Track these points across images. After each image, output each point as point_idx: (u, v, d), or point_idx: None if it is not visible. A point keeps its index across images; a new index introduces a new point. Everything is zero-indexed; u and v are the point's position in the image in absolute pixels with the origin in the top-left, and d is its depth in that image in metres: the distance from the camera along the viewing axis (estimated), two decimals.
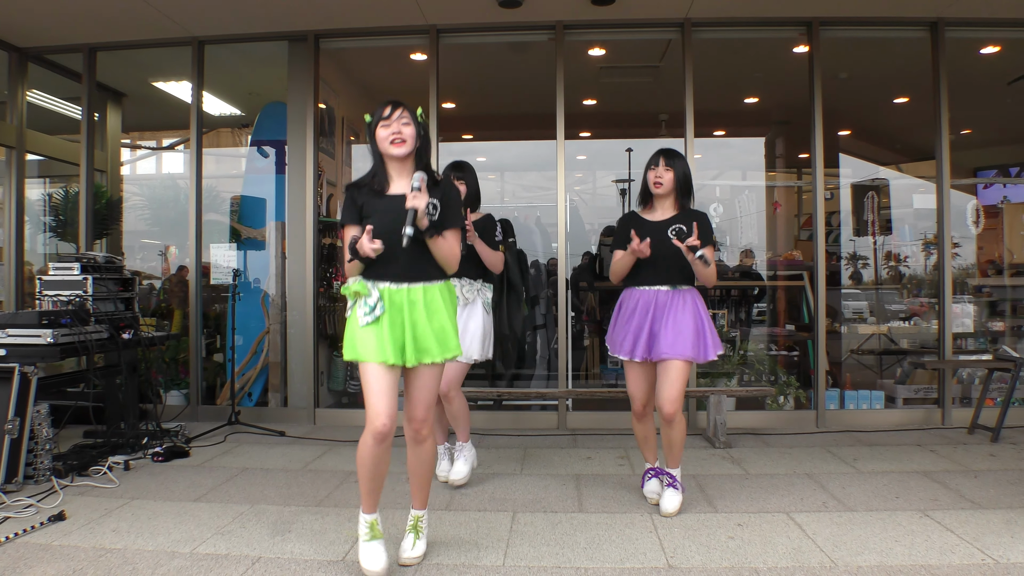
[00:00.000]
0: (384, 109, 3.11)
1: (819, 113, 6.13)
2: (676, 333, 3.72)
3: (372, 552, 3.04)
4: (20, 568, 3.12)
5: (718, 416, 5.50)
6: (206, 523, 3.73)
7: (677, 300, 3.79)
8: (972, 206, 6.91)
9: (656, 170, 3.86)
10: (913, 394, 6.46)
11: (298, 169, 6.46)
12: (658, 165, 3.86)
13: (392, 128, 3.06)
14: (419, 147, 3.15)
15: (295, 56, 6.54)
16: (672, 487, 3.89)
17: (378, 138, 3.10)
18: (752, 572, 3.08)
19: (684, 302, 3.80)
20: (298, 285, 6.42)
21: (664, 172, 3.84)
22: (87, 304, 5.11)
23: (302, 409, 6.36)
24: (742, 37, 6.58)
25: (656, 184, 3.85)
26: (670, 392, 3.73)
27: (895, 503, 3.99)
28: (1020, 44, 6.61)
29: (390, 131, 3.07)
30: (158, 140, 9.57)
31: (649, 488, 4.09)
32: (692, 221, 3.79)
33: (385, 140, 3.07)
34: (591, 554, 3.31)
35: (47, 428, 4.43)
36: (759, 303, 7.97)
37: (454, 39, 6.44)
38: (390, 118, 3.08)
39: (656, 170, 3.86)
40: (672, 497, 3.85)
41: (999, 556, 3.22)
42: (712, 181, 8.33)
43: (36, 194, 7.41)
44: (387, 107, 3.11)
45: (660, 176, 3.84)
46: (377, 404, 2.98)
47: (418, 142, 3.13)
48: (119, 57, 6.88)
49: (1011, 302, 7.35)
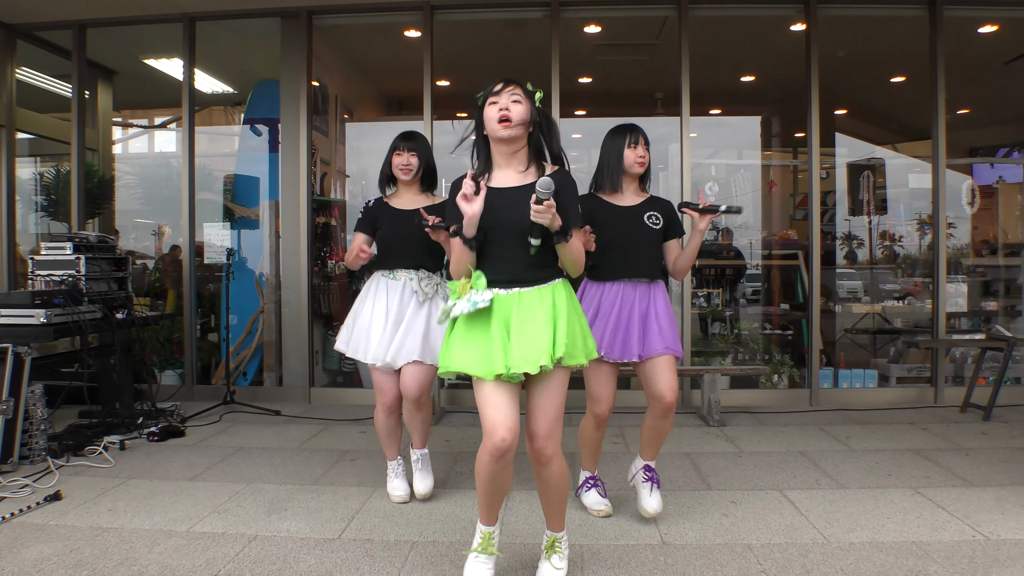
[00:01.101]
0: (495, 85, 2.71)
1: (815, 92, 6.12)
2: (664, 328, 3.40)
3: (475, 570, 2.75)
4: (17, 548, 3.13)
5: (712, 395, 5.52)
6: (202, 502, 3.75)
7: (656, 294, 3.45)
8: (967, 186, 6.91)
9: (637, 149, 3.45)
10: (906, 373, 6.50)
11: (292, 147, 6.42)
12: (638, 144, 3.46)
13: (501, 102, 2.67)
14: (534, 132, 2.75)
15: (288, 33, 6.48)
16: (653, 481, 3.51)
17: (486, 118, 2.71)
18: (745, 549, 3.11)
19: (661, 296, 3.47)
20: (292, 264, 6.40)
21: (645, 152, 3.47)
22: (80, 284, 5.09)
23: (297, 388, 6.37)
24: (739, 15, 6.56)
25: (640, 163, 3.45)
26: (671, 381, 3.40)
27: (887, 480, 4.03)
28: (1018, 23, 6.58)
29: (498, 107, 2.66)
30: (150, 118, 9.49)
31: (593, 499, 3.66)
32: (664, 210, 3.50)
33: (493, 120, 2.67)
34: (586, 531, 3.33)
35: (42, 408, 4.43)
36: (752, 283, 7.98)
37: (448, 16, 6.39)
38: (500, 94, 2.68)
39: (637, 149, 3.45)
40: (656, 495, 3.48)
41: (989, 532, 3.25)
42: (708, 160, 8.30)
43: (27, 173, 7.36)
44: (498, 83, 2.71)
45: (643, 156, 3.46)
46: (494, 416, 2.62)
47: (531, 126, 2.72)
48: (109, 34, 6.81)
49: (1005, 282, 7.39)
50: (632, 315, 3.39)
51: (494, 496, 2.73)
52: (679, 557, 3.03)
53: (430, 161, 3.84)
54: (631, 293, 3.42)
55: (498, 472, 2.65)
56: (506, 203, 2.65)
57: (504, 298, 2.65)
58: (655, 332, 3.38)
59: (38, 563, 2.97)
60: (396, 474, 3.85)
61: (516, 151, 2.75)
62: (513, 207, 2.63)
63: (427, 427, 3.88)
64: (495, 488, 2.71)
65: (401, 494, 3.78)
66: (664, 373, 3.39)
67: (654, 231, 3.42)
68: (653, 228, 3.41)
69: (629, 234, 3.39)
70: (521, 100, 2.68)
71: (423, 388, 3.68)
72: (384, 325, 3.66)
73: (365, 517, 3.53)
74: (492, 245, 2.66)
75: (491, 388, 2.62)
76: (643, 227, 3.41)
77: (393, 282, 3.72)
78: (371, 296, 3.76)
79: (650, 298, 3.43)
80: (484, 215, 2.62)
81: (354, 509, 3.64)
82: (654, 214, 3.44)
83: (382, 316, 3.68)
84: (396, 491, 3.79)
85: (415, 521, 3.49)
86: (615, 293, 3.41)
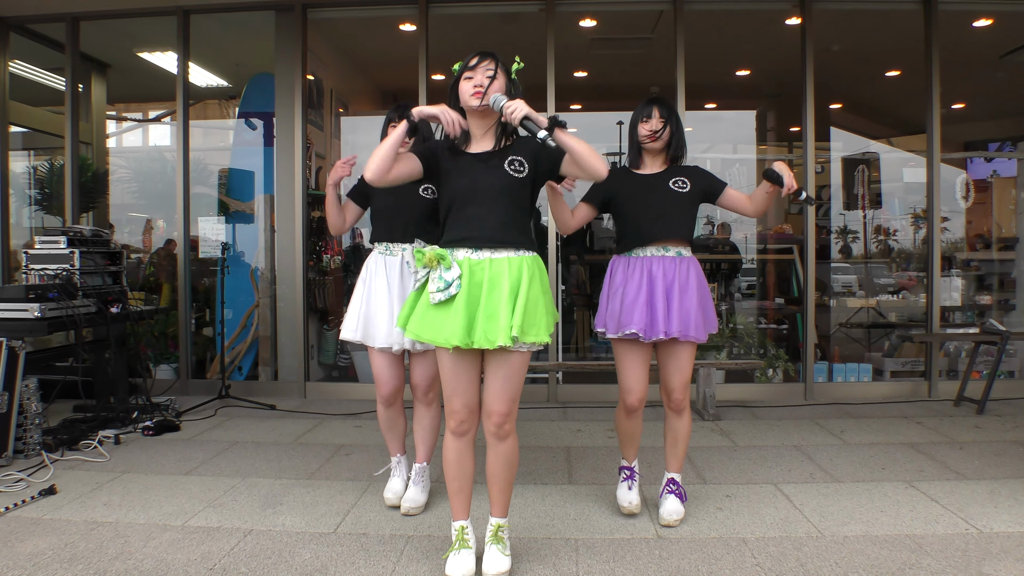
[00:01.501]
0: (471, 59, 2.77)
1: (811, 86, 6.13)
2: (688, 309, 3.23)
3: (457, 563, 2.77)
4: (12, 542, 3.13)
5: (707, 389, 5.54)
6: (197, 496, 3.75)
7: (683, 269, 3.28)
8: (962, 180, 6.94)
9: (650, 122, 3.31)
10: (900, 367, 6.53)
11: (286, 141, 6.41)
12: (651, 117, 3.32)
13: (475, 80, 2.71)
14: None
15: (282, 26, 6.47)
16: (674, 494, 3.39)
17: (460, 91, 2.75)
18: (740, 542, 3.12)
19: (689, 272, 3.29)
20: (287, 258, 6.40)
21: (660, 123, 3.30)
22: (74, 278, 5.08)
23: (292, 383, 6.38)
24: (734, 9, 6.57)
25: (650, 137, 3.32)
26: (683, 376, 3.32)
27: (881, 474, 4.05)
28: (1012, 17, 6.60)
29: (472, 83, 2.71)
30: (144, 112, 9.47)
31: (620, 494, 3.52)
32: (690, 174, 3.36)
33: (466, 93, 2.72)
34: (581, 525, 3.35)
35: (36, 402, 4.43)
36: (748, 277, 8.00)
37: (443, 9, 6.39)
38: (475, 68, 2.73)
39: (650, 122, 3.31)
40: (672, 501, 3.37)
41: (982, 526, 3.27)
42: (703, 154, 8.32)
43: (21, 167, 7.35)
44: (475, 56, 2.77)
45: (655, 129, 3.30)
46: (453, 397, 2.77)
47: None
48: (103, 27, 6.80)
49: (999, 276, 7.43)
50: (658, 290, 3.24)
51: (458, 483, 2.86)
52: (674, 551, 3.04)
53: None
54: (658, 267, 3.27)
55: (460, 449, 2.83)
56: (482, 167, 2.73)
57: (475, 265, 2.67)
58: (676, 310, 3.22)
59: (33, 557, 2.98)
60: (396, 472, 3.70)
61: (490, 126, 2.80)
62: (489, 171, 2.72)
63: (435, 435, 3.66)
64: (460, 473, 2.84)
65: (392, 497, 3.63)
66: (678, 365, 3.33)
67: (680, 194, 3.29)
68: (679, 192, 3.29)
69: (652, 200, 3.29)
70: (496, 74, 2.72)
71: (433, 380, 3.49)
72: (390, 305, 3.45)
73: (361, 511, 3.54)
74: (468, 206, 2.71)
75: (452, 360, 2.73)
76: (668, 191, 3.29)
77: (391, 258, 3.53)
78: (371, 276, 3.55)
79: (677, 273, 3.26)
80: (460, 178, 2.73)
81: (350, 503, 3.65)
82: (680, 179, 3.32)
83: (385, 296, 3.47)
84: (389, 492, 3.65)
85: (411, 516, 3.50)
86: (641, 266, 3.28)
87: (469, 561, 2.77)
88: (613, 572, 2.85)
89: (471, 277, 2.66)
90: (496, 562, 2.77)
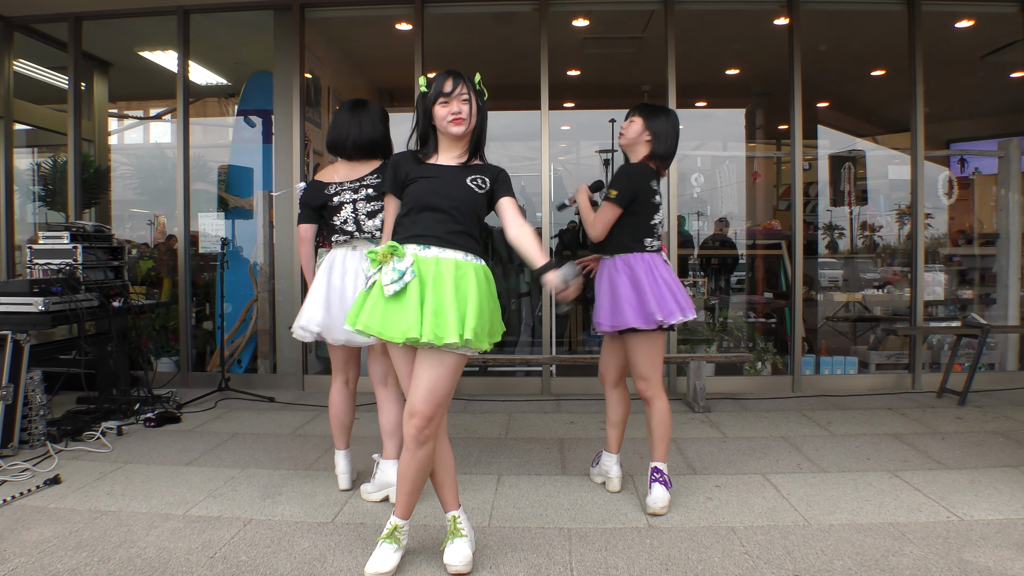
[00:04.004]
0: (444, 83, 2.84)
1: (798, 85, 6.19)
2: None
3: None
4: (18, 530, 3.18)
5: (698, 381, 5.60)
6: (198, 486, 3.79)
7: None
8: (944, 177, 7.01)
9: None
10: (885, 360, 6.62)
11: (285, 138, 6.46)
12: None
13: (452, 107, 2.81)
14: (477, 124, 2.92)
15: (280, 25, 6.52)
16: (661, 483, 3.43)
17: (436, 116, 2.85)
18: (729, 531, 3.17)
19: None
20: (286, 254, 6.45)
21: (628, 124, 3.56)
22: (77, 272, 5.13)
23: (291, 375, 6.44)
24: (724, 9, 6.64)
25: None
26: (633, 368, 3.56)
27: (866, 464, 4.11)
28: (993, 19, 6.69)
29: (449, 110, 2.80)
30: (145, 110, 9.50)
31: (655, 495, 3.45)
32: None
33: (444, 119, 2.82)
34: (574, 515, 3.39)
35: (41, 394, 4.48)
36: (737, 272, 8.08)
37: (439, 9, 6.44)
38: (451, 95, 2.81)
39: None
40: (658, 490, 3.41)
41: (963, 514, 3.34)
42: (693, 152, 8.38)
43: (24, 164, 7.37)
44: (447, 80, 2.84)
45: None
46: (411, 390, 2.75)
47: (476, 119, 2.90)
48: (104, 26, 6.85)
49: (980, 271, 7.50)
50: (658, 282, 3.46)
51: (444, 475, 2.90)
52: (664, 540, 3.08)
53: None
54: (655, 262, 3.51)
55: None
56: (446, 177, 2.84)
57: (423, 262, 2.71)
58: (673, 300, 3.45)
59: (39, 544, 3.02)
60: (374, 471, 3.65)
61: (461, 143, 2.93)
62: (451, 180, 2.84)
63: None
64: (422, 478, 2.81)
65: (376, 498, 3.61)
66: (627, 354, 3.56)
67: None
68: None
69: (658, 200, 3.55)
70: (469, 98, 2.85)
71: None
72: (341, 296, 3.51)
73: (358, 501, 3.57)
74: (424, 211, 2.78)
75: (402, 354, 2.79)
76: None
77: (352, 253, 3.58)
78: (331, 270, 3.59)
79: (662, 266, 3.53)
80: (423, 183, 2.83)
81: (347, 494, 3.68)
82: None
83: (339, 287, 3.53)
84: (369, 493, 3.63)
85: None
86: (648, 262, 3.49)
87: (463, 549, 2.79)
88: (605, 560, 2.89)
89: (417, 271, 2.69)
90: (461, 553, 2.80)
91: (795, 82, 6.19)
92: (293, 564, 2.87)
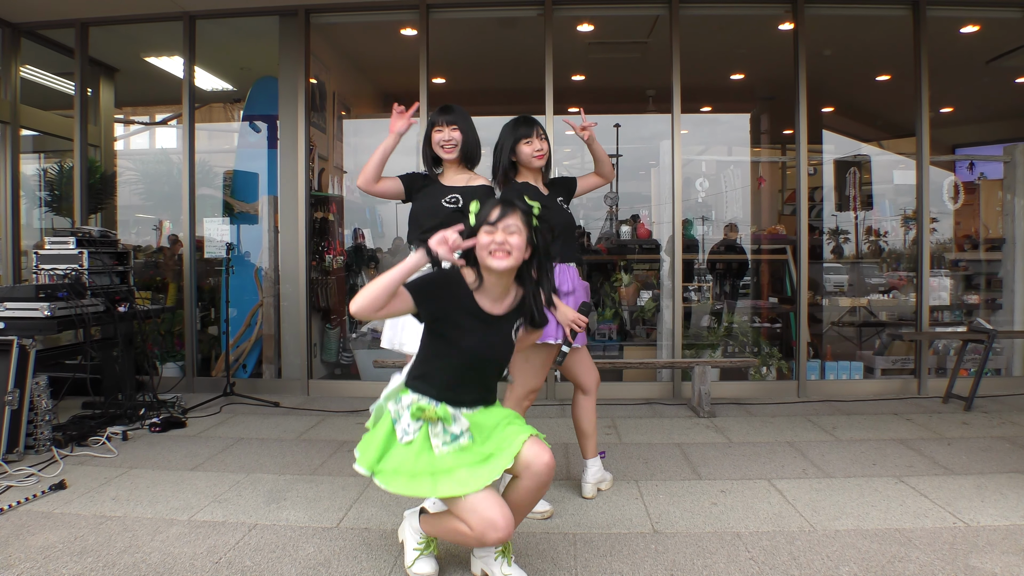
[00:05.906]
0: (491, 212, 2.49)
1: (803, 90, 6.19)
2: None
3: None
4: (23, 535, 3.18)
5: (702, 386, 5.59)
6: (203, 491, 3.79)
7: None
8: (950, 182, 6.99)
9: (535, 142, 3.47)
10: (891, 365, 6.59)
11: (290, 143, 6.47)
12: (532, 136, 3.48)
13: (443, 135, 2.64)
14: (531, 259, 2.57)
15: (286, 31, 6.54)
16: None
17: (478, 245, 2.50)
18: (734, 536, 3.17)
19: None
20: (291, 258, 6.46)
21: (542, 143, 3.49)
22: (83, 278, 5.15)
23: (296, 380, 6.44)
24: (729, 14, 6.63)
25: (539, 156, 3.49)
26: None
27: (872, 470, 4.10)
28: (999, 23, 6.68)
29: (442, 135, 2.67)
30: (151, 115, 9.54)
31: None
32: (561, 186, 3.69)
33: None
34: (578, 520, 3.39)
35: (46, 399, 4.49)
36: (743, 277, 8.06)
37: (444, 14, 6.45)
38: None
39: (535, 142, 3.47)
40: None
41: (969, 519, 3.33)
42: (698, 156, 8.38)
43: (31, 169, 7.39)
44: (494, 210, 2.49)
45: (541, 148, 3.48)
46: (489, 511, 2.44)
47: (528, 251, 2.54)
48: (111, 32, 6.87)
49: (986, 276, 7.47)
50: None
51: None
52: (669, 545, 3.08)
53: (475, 139, 3.47)
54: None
55: None
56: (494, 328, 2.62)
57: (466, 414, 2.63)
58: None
59: (44, 550, 3.02)
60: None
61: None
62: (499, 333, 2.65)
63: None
64: None
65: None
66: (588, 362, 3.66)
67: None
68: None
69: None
70: (518, 231, 2.49)
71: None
72: None
73: (363, 506, 3.58)
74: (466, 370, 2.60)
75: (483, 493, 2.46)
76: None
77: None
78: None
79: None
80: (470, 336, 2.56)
81: (352, 499, 3.69)
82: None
83: None
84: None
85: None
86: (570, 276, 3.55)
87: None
88: (610, 566, 2.89)
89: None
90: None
91: (800, 87, 6.19)
92: (298, 569, 2.87)
